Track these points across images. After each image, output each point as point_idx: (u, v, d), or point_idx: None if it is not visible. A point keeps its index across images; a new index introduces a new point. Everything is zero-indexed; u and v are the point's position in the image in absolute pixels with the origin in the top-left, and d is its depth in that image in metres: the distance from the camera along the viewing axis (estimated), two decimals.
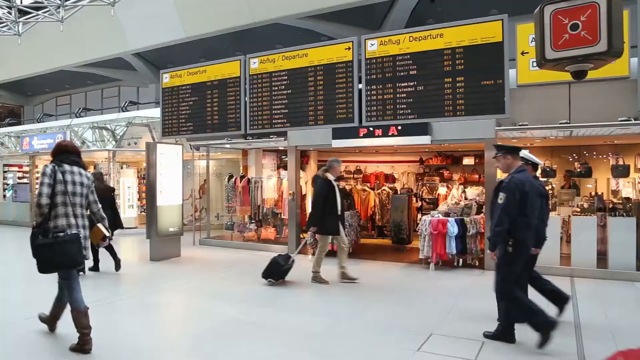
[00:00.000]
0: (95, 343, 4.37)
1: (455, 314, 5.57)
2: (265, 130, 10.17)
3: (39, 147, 15.71)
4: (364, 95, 9.00)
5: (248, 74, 10.35)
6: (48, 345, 4.55)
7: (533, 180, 4.58)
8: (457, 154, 12.27)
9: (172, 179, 9.37)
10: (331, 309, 5.87)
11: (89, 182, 4.45)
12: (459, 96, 8.16)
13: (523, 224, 4.33)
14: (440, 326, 5.05)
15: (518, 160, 4.60)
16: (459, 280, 6.98)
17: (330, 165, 7.17)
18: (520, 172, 4.47)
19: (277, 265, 7.03)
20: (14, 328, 5.03)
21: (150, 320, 5.54)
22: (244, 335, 4.84)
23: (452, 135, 8.36)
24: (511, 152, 4.59)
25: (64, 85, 26.32)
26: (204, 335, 4.88)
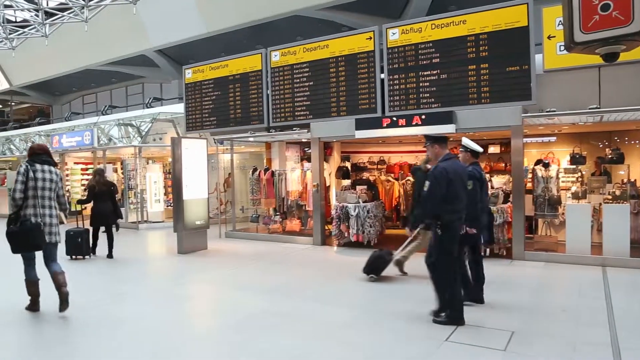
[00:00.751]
0: (122, 334, 4.61)
1: (484, 303, 5.49)
2: (288, 123, 10.18)
3: (68, 145, 16.07)
4: (387, 85, 8.92)
5: (269, 67, 10.37)
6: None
7: (459, 167, 4.83)
8: (482, 142, 11.98)
9: (197, 173, 9.48)
10: (358, 299, 5.87)
11: (57, 178, 5.26)
12: (483, 83, 8.01)
13: (448, 208, 4.60)
14: (469, 316, 4.98)
15: (445, 149, 4.87)
16: (487, 270, 6.85)
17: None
18: (446, 160, 4.75)
19: (381, 260, 6.67)
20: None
21: (177, 311, 5.64)
22: (271, 326, 4.89)
23: (477, 124, 8.23)
24: (438, 141, 4.88)
25: (90, 84, 26.86)
26: (231, 326, 4.94)
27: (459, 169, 4.78)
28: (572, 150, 9.52)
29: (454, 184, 4.62)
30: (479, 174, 5.29)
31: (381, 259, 6.72)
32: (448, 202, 4.61)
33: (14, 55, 21.84)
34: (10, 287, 6.34)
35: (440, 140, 4.89)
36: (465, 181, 4.86)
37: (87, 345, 4.41)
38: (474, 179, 5.15)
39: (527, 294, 5.89)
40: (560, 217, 8.54)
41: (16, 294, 5.78)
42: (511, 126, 7.86)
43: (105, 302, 5.87)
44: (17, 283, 5.55)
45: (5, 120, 32.04)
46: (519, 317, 5.00)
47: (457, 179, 4.67)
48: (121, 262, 8.77)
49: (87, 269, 8.22)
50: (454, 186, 4.62)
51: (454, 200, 4.63)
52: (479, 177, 5.27)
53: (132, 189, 14.07)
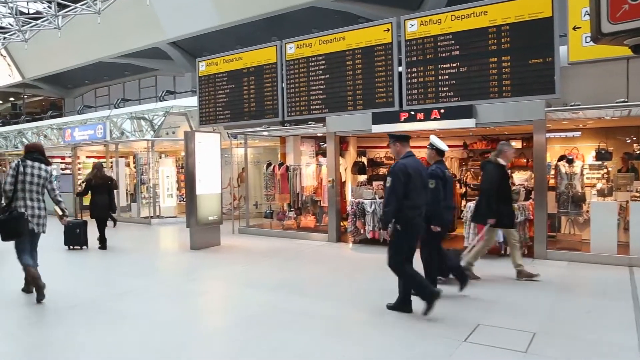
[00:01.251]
0: (131, 330, 4.73)
1: (503, 304, 5.48)
2: (303, 117, 10.20)
3: (80, 139, 16.29)
4: (405, 78, 8.87)
5: (284, 59, 10.38)
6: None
7: (419, 164, 5.06)
8: (503, 137, 11.92)
9: (211, 167, 9.55)
10: (373, 298, 5.87)
11: (46, 175, 5.90)
12: (505, 76, 7.93)
13: (407, 203, 4.83)
14: (488, 316, 4.98)
15: (406, 147, 5.12)
16: (507, 269, 6.84)
17: (500, 149, 6.55)
18: (406, 158, 5.02)
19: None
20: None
21: (190, 307, 5.70)
22: (284, 323, 4.92)
23: (498, 118, 8.15)
24: (399, 139, 5.13)
25: (102, 77, 27.19)
26: (243, 322, 4.99)
27: (418, 166, 5.01)
28: (598, 145, 9.37)
29: (413, 180, 4.86)
30: (442, 172, 5.56)
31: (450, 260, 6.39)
32: (408, 197, 4.84)
33: (26, 47, 22.14)
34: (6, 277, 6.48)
35: (402, 139, 5.15)
36: (424, 178, 5.08)
37: (94, 340, 4.49)
38: (436, 177, 5.45)
39: (550, 294, 5.83)
40: (584, 215, 8.44)
41: (12, 283, 5.92)
42: (533, 121, 7.77)
43: (116, 298, 5.96)
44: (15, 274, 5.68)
45: (17, 113, 32.58)
46: (540, 318, 4.96)
47: (416, 175, 4.91)
48: (133, 257, 8.90)
49: (99, 263, 8.36)
50: (413, 182, 4.86)
51: (413, 196, 4.85)
52: (442, 175, 5.53)
53: (145, 184, 14.23)
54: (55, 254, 8.97)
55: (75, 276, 7.38)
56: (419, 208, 4.93)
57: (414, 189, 4.85)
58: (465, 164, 12.44)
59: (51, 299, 5.83)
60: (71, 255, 9.05)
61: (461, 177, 11.90)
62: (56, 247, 9.42)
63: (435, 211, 5.34)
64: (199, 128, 12.04)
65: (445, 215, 5.62)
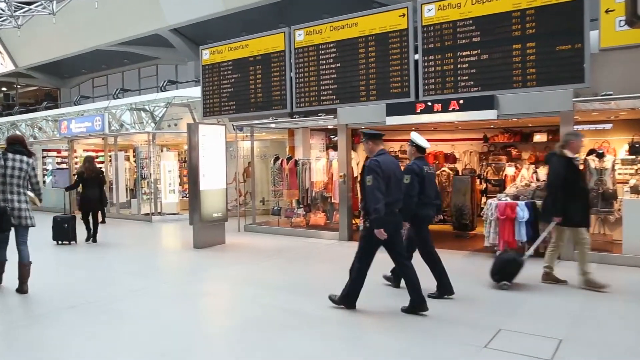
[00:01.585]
0: (131, 332, 4.81)
1: (526, 308, 5.47)
2: (313, 108, 10.20)
3: (77, 131, 16.41)
4: (421, 66, 8.83)
5: (293, 47, 10.37)
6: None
7: (391, 162, 5.30)
8: (527, 129, 11.86)
9: (215, 161, 9.59)
10: (386, 300, 5.87)
11: (27, 167, 6.14)
12: (529, 64, 7.86)
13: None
14: (510, 321, 4.96)
15: (379, 145, 5.39)
16: (530, 271, 6.79)
17: (566, 139, 6.38)
18: (378, 155, 5.28)
19: (513, 264, 6.23)
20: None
21: (193, 309, 5.75)
22: (291, 326, 4.95)
23: (521, 109, 8.09)
24: (372, 138, 5.41)
25: (100, 66, 27.33)
26: (249, 325, 5.02)
27: (390, 164, 5.27)
28: (631, 138, 9.27)
29: (386, 177, 5.13)
30: (418, 168, 5.78)
31: (513, 262, 6.24)
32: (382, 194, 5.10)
33: (19, 34, 22.27)
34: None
35: (375, 137, 5.43)
36: (398, 176, 5.34)
37: (93, 342, 4.55)
38: (412, 173, 5.70)
39: (578, 298, 5.81)
40: (615, 214, 8.35)
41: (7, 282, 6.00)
42: (560, 112, 7.69)
43: (116, 298, 6.03)
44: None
45: (10, 104, 32.77)
46: (567, 323, 4.94)
47: (389, 172, 5.17)
48: (133, 256, 8.98)
49: (98, 261, 8.44)
50: (387, 179, 5.13)
51: (386, 193, 5.11)
52: (419, 171, 5.75)
53: (145, 179, 14.33)
54: (46, 249, 9.11)
55: (73, 275, 7.45)
56: (392, 205, 5.18)
57: (386, 186, 5.12)
58: (485, 159, 12.38)
59: (48, 299, 5.91)
60: (64, 251, 9.17)
61: (481, 172, 11.85)
62: (44, 242, 9.56)
63: (405, 206, 5.53)
64: (203, 120, 12.08)
65: (425, 211, 5.85)
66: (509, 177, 11.00)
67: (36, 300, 5.96)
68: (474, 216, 10.09)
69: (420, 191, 5.73)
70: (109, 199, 15.49)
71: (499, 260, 6.42)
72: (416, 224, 5.84)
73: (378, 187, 5.07)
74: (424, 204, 5.80)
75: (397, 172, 5.36)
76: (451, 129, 12.57)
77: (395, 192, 5.24)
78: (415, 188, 5.69)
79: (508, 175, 11.11)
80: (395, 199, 5.25)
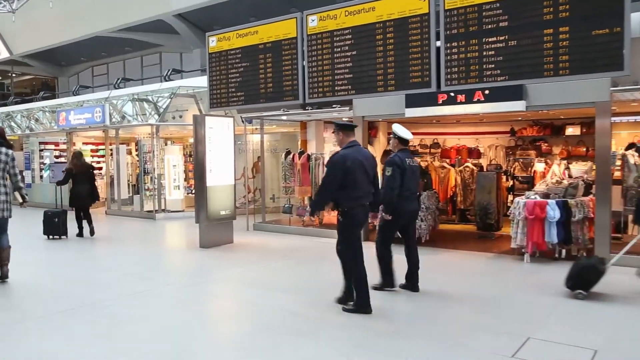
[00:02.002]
0: (137, 336, 4.85)
1: (557, 315, 5.44)
2: (327, 99, 10.20)
3: (76, 123, 16.58)
4: (443, 54, 8.79)
5: (306, 34, 10.38)
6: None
7: (361, 155, 5.51)
8: (559, 122, 11.78)
9: (223, 156, 9.64)
10: (408, 306, 5.88)
11: (6, 159, 6.57)
12: (562, 51, 7.78)
13: (345, 194, 5.36)
14: (540, 329, 4.94)
15: (350, 136, 5.60)
16: (562, 275, 6.75)
17: None
18: (347, 148, 5.51)
19: (593, 271, 6.00)
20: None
21: (199, 313, 5.80)
22: (303, 331, 4.98)
23: (552, 100, 8.01)
24: (343, 129, 5.61)
25: (100, 53, 27.51)
26: (259, 330, 5.05)
27: (359, 157, 5.46)
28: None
29: (352, 171, 5.34)
30: (400, 160, 6.07)
31: (593, 270, 6.02)
32: (346, 188, 5.35)
33: (14, 19, 22.38)
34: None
35: (346, 128, 5.63)
36: (368, 168, 5.51)
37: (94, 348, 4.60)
38: (394, 165, 6.02)
39: (615, 305, 5.75)
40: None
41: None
42: (596, 102, 7.62)
43: (117, 300, 6.11)
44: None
45: (5, 93, 33.12)
46: (604, 333, 4.90)
47: (357, 166, 5.37)
48: (135, 255, 9.08)
49: (98, 261, 8.55)
50: (353, 174, 5.34)
51: (352, 187, 5.36)
52: (400, 164, 6.04)
53: (149, 174, 14.45)
54: (39, 245, 9.23)
55: (71, 275, 7.55)
56: (359, 199, 5.44)
57: (352, 180, 5.34)
58: (512, 153, 12.32)
59: (45, 301, 6.00)
60: (61, 249, 9.31)
61: (508, 168, 11.79)
62: (35, 236, 9.71)
63: (386, 199, 5.96)
64: (210, 111, 12.14)
65: (406, 204, 6.15)
66: (538, 174, 10.96)
67: (33, 302, 6.07)
68: (499, 216, 10.05)
69: (401, 184, 6.02)
70: (111, 195, 15.72)
71: (577, 266, 6.19)
72: (395, 216, 6.12)
73: (329, 181, 5.42)
74: (405, 197, 6.10)
75: (367, 164, 5.53)
76: (475, 122, 12.52)
77: (363, 185, 5.45)
78: (397, 180, 6.00)
79: (537, 171, 11.07)
80: (365, 192, 5.48)
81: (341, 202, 5.41)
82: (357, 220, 5.51)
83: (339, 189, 5.36)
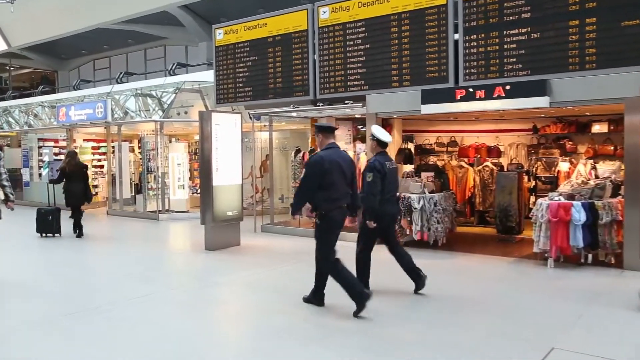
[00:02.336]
0: (141, 342, 4.88)
1: (583, 324, 5.39)
2: (339, 95, 10.19)
3: (77, 119, 16.67)
4: (462, 47, 8.75)
5: (317, 26, 10.37)
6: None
7: (339, 156, 5.79)
8: (584, 119, 11.67)
9: (230, 154, 9.67)
10: (423, 312, 5.86)
11: None
12: (588, 43, 7.72)
13: (322, 196, 5.60)
14: (565, 339, 4.90)
15: (329, 138, 5.88)
16: (588, 281, 6.74)
17: None
18: (326, 149, 5.78)
19: None
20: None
21: (204, 318, 5.83)
22: (316, 338, 4.99)
23: (578, 96, 7.97)
24: (322, 130, 5.90)
25: (102, 46, 27.67)
26: (268, 337, 5.06)
27: (337, 159, 5.73)
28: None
29: (330, 173, 5.59)
30: (380, 165, 6.16)
31: None
32: (324, 190, 5.58)
33: (12, 10, 22.54)
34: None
35: (326, 130, 5.91)
36: (345, 170, 5.77)
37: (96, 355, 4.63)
38: (374, 170, 6.09)
39: None
40: None
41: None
42: (625, 98, 7.55)
43: (120, 304, 6.15)
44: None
45: (3, 88, 33.33)
46: (633, 343, 4.86)
47: (335, 168, 5.64)
48: (138, 257, 9.13)
49: (99, 264, 8.60)
50: (331, 175, 5.60)
51: (329, 189, 5.60)
52: (380, 168, 6.13)
53: (152, 172, 14.52)
54: (34, 244, 9.29)
55: (71, 278, 7.61)
56: (338, 200, 5.70)
57: (330, 182, 5.59)
58: (535, 152, 12.24)
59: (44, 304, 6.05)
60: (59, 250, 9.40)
61: (530, 168, 11.72)
62: (28, 234, 9.80)
63: (369, 205, 6.08)
64: (216, 107, 12.17)
65: (387, 208, 6.27)
66: (562, 174, 10.87)
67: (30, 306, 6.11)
68: (521, 218, 10.00)
69: (381, 188, 6.12)
70: (112, 194, 15.82)
71: None
72: (376, 220, 6.16)
73: (307, 183, 5.67)
74: (386, 200, 6.20)
75: (345, 166, 5.78)
76: (495, 119, 12.44)
77: (341, 186, 5.70)
78: (378, 186, 6.07)
79: (561, 171, 10.99)
80: (342, 194, 5.73)
81: (319, 205, 5.63)
82: (335, 223, 5.73)
83: (317, 191, 5.59)
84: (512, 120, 12.51)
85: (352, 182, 5.89)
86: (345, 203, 5.78)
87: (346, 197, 5.77)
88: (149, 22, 22.59)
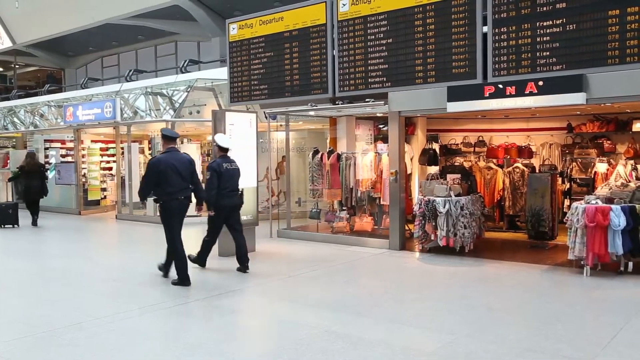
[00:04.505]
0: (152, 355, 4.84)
1: (625, 336, 5.31)
2: (359, 92, 10.19)
3: (85, 119, 16.81)
4: (490, 41, 8.71)
5: (336, 19, 10.39)
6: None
7: (174, 158, 7.53)
8: (624, 116, 11.55)
9: (244, 155, 9.67)
10: (448, 323, 5.83)
11: None
12: (629, 35, 7.63)
13: (159, 190, 7.47)
14: (605, 352, 4.85)
15: (170, 143, 7.73)
16: (628, 291, 6.65)
17: None
18: (164, 153, 7.68)
19: None
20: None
21: (219, 329, 5.85)
22: (337, 351, 4.96)
23: (617, 92, 7.89)
24: (163, 138, 7.79)
25: (110, 43, 27.92)
26: (286, 350, 5.06)
27: (172, 161, 7.48)
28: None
29: (165, 172, 7.37)
30: (218, 166, 8.12)
31: None
32: (161, 185, 7.39)
33: (17, 6, 22.79)
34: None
35: (166, 138, 7.75)
36: (180, 169, 7.49)
37: None
38: (211, 170, 8.08)
39: None
40: None
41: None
42: None
43: (128, 315, 6.19)
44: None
45: (8, 87, 33.71)
46: None
47: (169, 167, 7.40)
48: (147, 264, 9.16)
49: (109, 270, 8.67)
50: (165, 174, 7.37)
51: (165, 185, 7.38)
52: (217, 168, 8.08)
53: None
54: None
55: (73, 282, 7.69)
56: (173, 194, 7.44)
57: (164, 179, 7.36)
58: (569, 152, 12.13)
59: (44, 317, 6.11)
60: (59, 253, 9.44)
61: (564, 169, 11.62)
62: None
63: (208, 197, 8.02)
64: (230, 106, 12.22)
65: (225, 201, 8.16)
66: (599, 175, 10.78)
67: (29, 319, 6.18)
68: (554, 223, 9.91)
69: (218, 185, 8.02)
70: (122, 197, 15.97)
71: None
72: (216, 210, 8.17)
73: (148, 179, 7.52)
74: (224, 195, 8.11)
75: (180, 166, 7.50)
76: (526, 117, 12.37)
77: (176, 182, 7.42)
78: (214, 183, 8.02)
79: (599, 172, 10.89)
80: (177, 188, 7.44)
81: (159, 197, 7.51)
82: (172, 211, 7.51)
83: (156, 186, 7.43)
84: (544, 119, 12.43)
85: (193, 179, 7.68)
86: (182, 195, 7.52)
87: (184, 191, 7.55)
88: (160, 17, 22.74)
